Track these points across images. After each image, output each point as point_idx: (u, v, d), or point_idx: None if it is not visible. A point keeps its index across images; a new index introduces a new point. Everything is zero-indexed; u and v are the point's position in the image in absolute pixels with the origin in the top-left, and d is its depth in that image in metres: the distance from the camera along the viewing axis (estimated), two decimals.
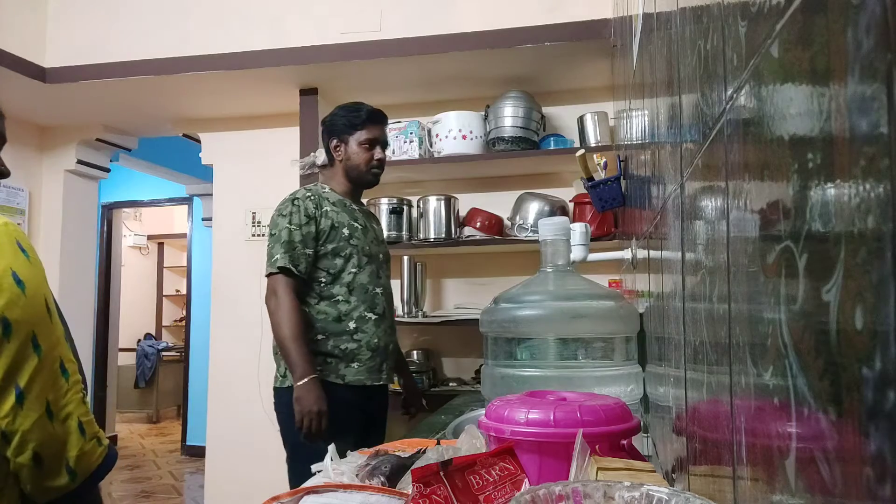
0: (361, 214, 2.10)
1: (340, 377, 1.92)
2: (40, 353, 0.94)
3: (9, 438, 0.92)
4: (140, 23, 2.94)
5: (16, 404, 0.91)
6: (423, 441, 1.27)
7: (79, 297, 3.66)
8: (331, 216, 2.00)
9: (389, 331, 2.06)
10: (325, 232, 1.97)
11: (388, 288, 2.11)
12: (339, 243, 1.98)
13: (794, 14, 0.31)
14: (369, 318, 1.98)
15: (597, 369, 1.15)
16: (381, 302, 2.03)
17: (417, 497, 0.63)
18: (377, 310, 2.01)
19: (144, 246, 7.83)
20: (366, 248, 2.03)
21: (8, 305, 0.90)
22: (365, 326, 1.97)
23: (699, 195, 0.60)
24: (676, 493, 0.47)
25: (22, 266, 0.94)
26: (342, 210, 2.04)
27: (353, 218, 2.05)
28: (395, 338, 2.11)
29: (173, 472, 5.08)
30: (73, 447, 0.96)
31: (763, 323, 0.38)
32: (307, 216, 1.96)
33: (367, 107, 2.10)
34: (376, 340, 1.98)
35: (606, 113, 2.83)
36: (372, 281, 2.02)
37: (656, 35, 0.96)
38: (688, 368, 0.70)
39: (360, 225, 2.05)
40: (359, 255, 2.00)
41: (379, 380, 2.00)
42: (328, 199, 2.04)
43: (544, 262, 1.20)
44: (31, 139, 3.59)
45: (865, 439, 0.24)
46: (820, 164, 0.28)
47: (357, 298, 1.98)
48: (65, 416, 0.96)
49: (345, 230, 2.00)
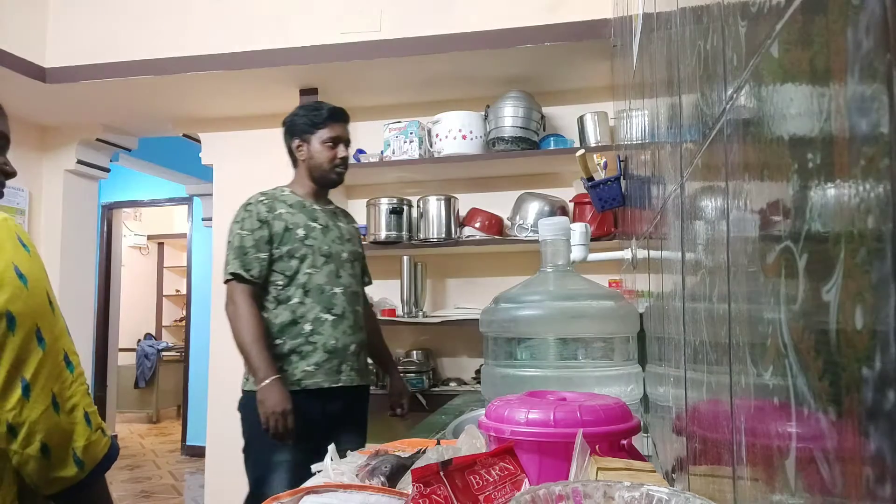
0: (324, 214, 2.08)
1: (296, 382, 1.92)
2: (44, 346, 0.95)
3: (15, 431, 0.93)
4: (140, 23, 2.94)
5: (22, 396, 0.92)
6: (423, 441, 1.27)
7: (79, 297, 3.66)
8: (285, 218, 1.99)
9: (350, 331, 2.01)
10: (278, 235, 1.97)
11: (350, 287, 2.06)
12: (294, 245, 1.97)
13: (794, 14, 0.31)
14: (326, 319, 1.96)
15: (597, 369, 1.15)
16: (339, 302, 2.00)
17: (417, 497, 0.63)
18: (335, 310, 1.98)
19: (144, 246, 7.83)
20: (324, 247, 2.01)
21: (11, 299, 0.92)
22: (321, 328, 1.95)
23: (699, 195, 0.60)
24: (676, 493, 0.47)
25: (23, 260, 0.95)
26: (300, 211, 2.03)
27: (313, 218, 2.03)
28: (360, 337, 2.06)
29: (173, 472, 5.08)
30: (79, 437, 0.98)
31: (763, 323, 0.38)
32: (259, 220, 1.97)
33: (328, 105, 2.10)
34: (333, 342, 1.96)
35: (606, 113, 2.83)
36: (330, 281, 1.99)
37: (656, 35, 0.96)
38: (688, 368, 0.70)
39: (319, 225, 2.03)
40: (314, 256, 1.98)
41: (337, 382, 1.96)
42: (285, 201, 2.04)
43: (544, 262, 1.20)
44: (31, 139, 3.59)
45: (865, 439, 0.24)
46: (820, 164, 0.28)
47: (313, 300, 1.96)
48: (70, 407, 0.97)
49: (300, 231, 1.99)
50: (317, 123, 2.05)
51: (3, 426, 0.92)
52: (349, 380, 1.99)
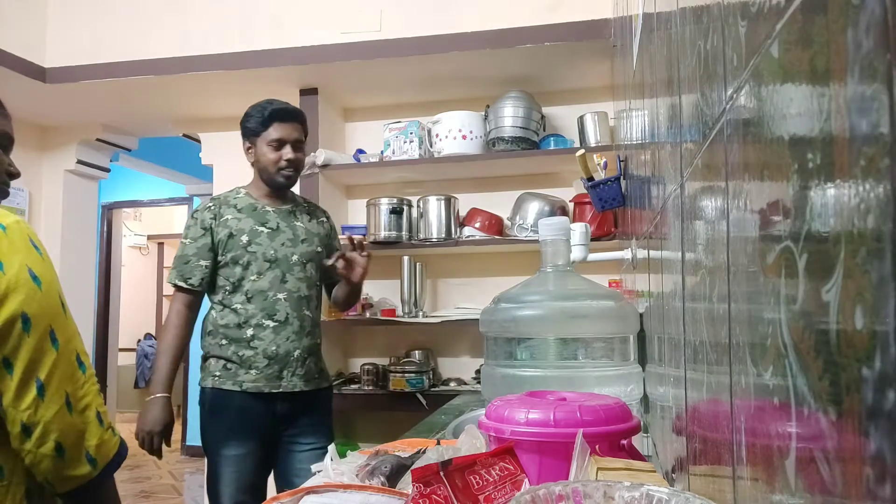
0: (278, 215, 2.03)
1: (238, 384, 1.93)
2: (58, 347, 0.97)
3: (30, 431, 0.94)
4: (140, 23, 2.94)
5: (37, 396, 0.94)
6: (423, 441, 1.27)
7: (79, 297, 3.65)
8: (230, 224, 1.98)
9: (295, 337, 1.97)
10: (222, 242, 1.97)
11: (298, 292, 1.99)
12: (237, 251, 1.96)
13: (794, 14, 0.31)
14: (267, 326, 1.94)
15: (597, 369, 1.15)
16: (283, 308, 1.96)
17: (417, 497, 0.63)
18: (277, 316, 1.95)
19: (144, 246, 7.83)
20: (269, 252, 1.97)
21: (26, 301, 0.93)
22: (262, 334, 1.94)
23: (699, 195, 0.60)
24: (676, 493, 0.47)
25: (36, 262, 0.97)
26: (249, 215, 2.00)
27: (262, 221, 2.00)
28: (308, 343, 2.00)
29: (173, 472, 5.08)
30: (92, 436, 1.00)
31: (763, 323, 0.38)
32: (203, 228, 1.98)
33: (276, 104, 2.04)
34: (274, 348, 1.93)
35: (606, 113, 2.83)
36: (273, 287, 1.96)
37: (656, 35, 0.96)
38: (688, 368, 0.70)
39: (267, 228, 1.99)
40: (258, 262, 1.95)
41: (278, 387, 1.94)
42: (235, 205, 2.02)
43: (544, 262, 1.20)
44: (31, 139, 3.59)
45: (865, 439, 0.24)
46: (820, 164, 0.28)
47: (255, 306, 1.94)
48: (83, 406, 0.99)
49: (244, 237, 1.96)
50: (263, 124, 2.01)
51: (17, 426, 0.94)
52: (291, 386, 1.96)
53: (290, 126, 2.02)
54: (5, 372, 0.93)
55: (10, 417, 0.94)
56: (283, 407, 1.97)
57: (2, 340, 0.92)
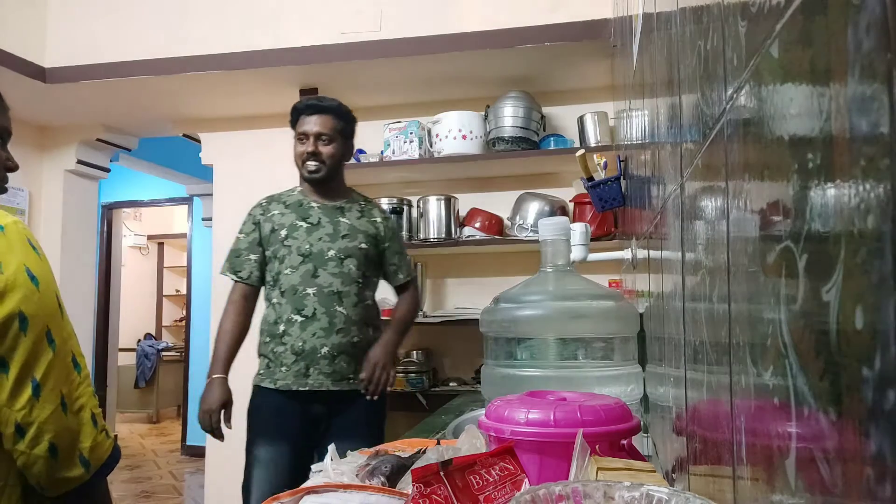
0: (322, 210, 2.02)
1: (273, 381, 1.96)
2: (54, 347, 0.97)
3: (24, 431, 0.93)
4: (140, 23, 2.94)
5: (32, 396, 0.93)
6: (423, 441, 1.27)
7: (79, 298, 3.66)
8: (274, 219, 2.02)
9: (323, 333, 1.93)
10: (266, 237, 2.02)
11: (329, 287, 1.95)
12: (276, 246, 2.00)
13: (794, 14, 0.31)
14: (295, 321, 1.94)
15: (597, 369, 1.15)
16: (311, 303, 1.93)
17: (417, 497, 0.63)
18: (304, 311, 1.93)
19: (144, 246, 7.83)
20: (304, 247, 1.96)
21: (24, 300, 0.93)
22: (290, 329, 1.94)
23: (699, 195, 0.60)
24: (676, 493, 0.47)
25: (34, 262, 0.97)
26: (293, 211, 2.02)
27: (304, 217, 2.01)
28: (338, 340, 1.94)
29: (173, 472, 5.08)
30: (86, 438, 0.99)
31: (763, 323, 0.38)
32: (253, 223, 2.05)
33: (308, 99, 2.07)
34: (301, 344, 1.92)
35: (606, 113, 2.83)
36: (304, 281, 1.94)
37: (656, 35, 0.96)
38: (688, 368, 0.70)
39: (308, 223, 2.00)
40: (292, 256, 1.96)
41: (305, 385, 1.92)
42: (284, 202, 2.05)
43: (544, 262, 1.20)
44: (31, 139, 3.59)
45: (865, 439, 0.24)
46: (820, 164, 0.28)
47: (287, 300, 1.96)
48: (78, 407, 0.99)
49: (283, 232, 1.99)
50: (293, 120, 2.05)
51: (11, 426, 0.93)
52: (317, 384, 1.93)
53: (314, 119, 2.01)
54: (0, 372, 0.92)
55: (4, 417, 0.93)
56: (317, 408, 1.95)
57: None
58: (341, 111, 2.05)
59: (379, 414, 2.05)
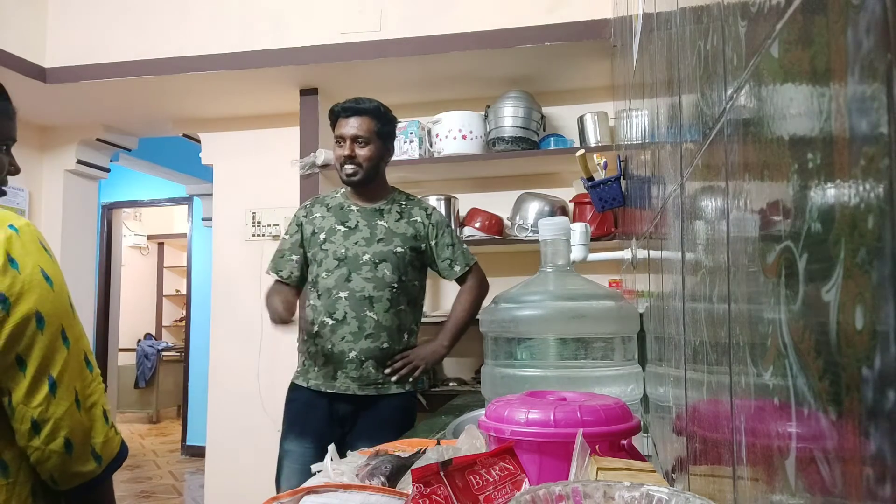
0: (361, 213, 2.02)
1: (307, 380, 2.00)
2: (68, 345, 1.00)
3: (39, 427, 0.96)
4: (140, 23, 2.94)
5: (49, 393, 0.97)
6: (423, 441, 1.27)
7: (79, 297, 3.62)
8: (315, 222, 2.04)
9: (352, 338, 1.92)
10: (307, 239, 2.05)
11: (361, 292, 1.94)
12: (314, 248, 2.02)
13: (794, 14, 0.31)
14: (327, 324, 1.95)
15: (597, 369, 1.15)
16: (342, 307, 1.93)
17: (417, 497, 0.63)
18: (335, 315, 1.94)
19: (144, 246, 7.83)
20: (340, 250, 1.97)
21: (40, 300, 0.96)
22: (323, 331, 1.96)
23: (699, 195, 0.60)
24: (676, 493, 0.47)
25: (47, 263, 1.00)
26: (335, 214, 2.03)
27: (343, 221, 2.01)
28: (367, 345, 1.93)
29: (173, 472, 5.08)
30: (98, 434, 1.02)
31: (763, 323, 0.38)
32: (297, 225, 2.09)
33: (347, 101, 2.02)
34: (330, 346, 1.93)
35: (606, 113, 2.83)
36: (338, 285, 1.95)
37: (656, 35, 0.96)
38: (688, 368, 0.70)
39: (346, 227, 2.00)
40: (328, 259, 1.98)
41: (332, 388, 1.94)
42: (327, 204, 2.07)
43: (544, 262, 1.20)
44: (31, 139, 3.59)
45: (865, 439, 0.24)
46: (820, 164, 0.28)
47: (321, 303, 1.97)
48: (91, 404, 1.02)
49: (322, 234, 2.01)
50: (332, 122, 2.05)
51: (27, 423, 0.96)
52: (344, 387, 1.93)
53: (351, 121, 1.98)
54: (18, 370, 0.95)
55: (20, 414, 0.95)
56: (343, 408, 1.97)
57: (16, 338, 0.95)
58: (379, 112, 2.01)
59: (408, 416, 2.01)
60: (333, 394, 1.96)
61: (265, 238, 3.37)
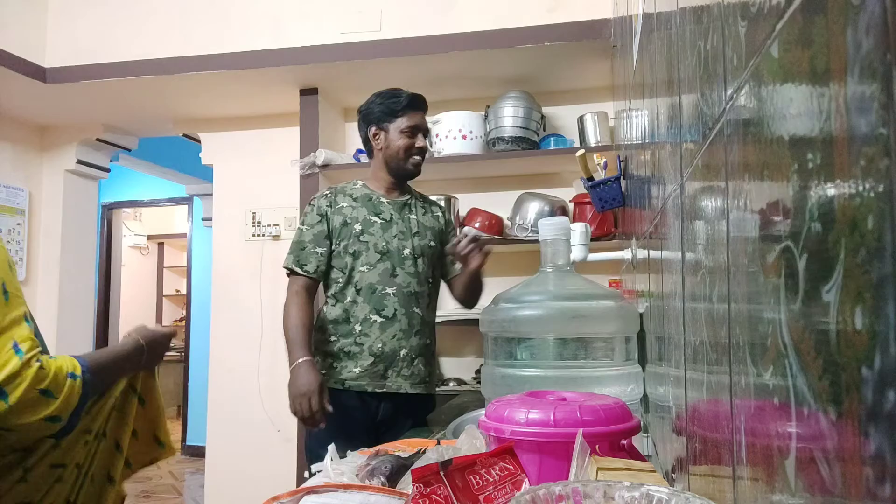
0: (392, 206, 1.98)
1: (341, 382, 1.88)
2: None
3: None
4: (140, 23, 2.94)
5: None
6: (423, 441, 1.27)
7: (79, 297, 3.66)
8: (344, 212, 1.94)
9: (402, 335, 1.89)
10: (336, 230, 1.94)
11: (408, 287, 1.92)
12: (349, 240, 1.92)
13: (794, 14, 0.31)
14: (374, 321, 1.88)
15: (597, 369, 1.15)
16: (391, 304, 1.89)
17: (417, 497, 0.63)
18: (384, 312, 1.88)
19: (144, 246, 7.82)
20: (381, 244, 1.91)
21: None
22: (369, 330, 1.88)
23: (699, 195, 0.60)
24: (676, 493, 0.47)
25: None
26: (364, 205, 1.96)
27: (376, 212, 1.95)
28: (416, 343, 1.92)
29: (173, 472, 5.08)
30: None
31: (763, 323, 0.38)
32: (319, 215, 1.96)
33: (407, 93, 2.00)
34: (380, 345, 1.87)
35: (606, 113, 2.83)
36: (383, 280, 1.89)
37: (656, 35, 0.96)
38: (688, 368, 0.70)
39: (381, 219, 1.94)
40: (369, 252, 1.90)
41: (382, 387, 1.87)
42: (351, 195, 1.99)
43: (544, 262, 1.20)
44: (31, 139, 3.59)
45: (865, 439, 0.24)
46: (820, 165, 0.28)
47: (364, 299, 1.89)
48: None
49: (357, 226, 1.92)
50: (395, 111, 1.97)
51: None
52: (396, 387, 1.89)
53: (422, 115, 2.01)
54: None
55: None
56: (385, 408, 1.89)
57: None
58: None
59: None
60: (382, 393, 1.88)
61: (265, 238, 3.37)
